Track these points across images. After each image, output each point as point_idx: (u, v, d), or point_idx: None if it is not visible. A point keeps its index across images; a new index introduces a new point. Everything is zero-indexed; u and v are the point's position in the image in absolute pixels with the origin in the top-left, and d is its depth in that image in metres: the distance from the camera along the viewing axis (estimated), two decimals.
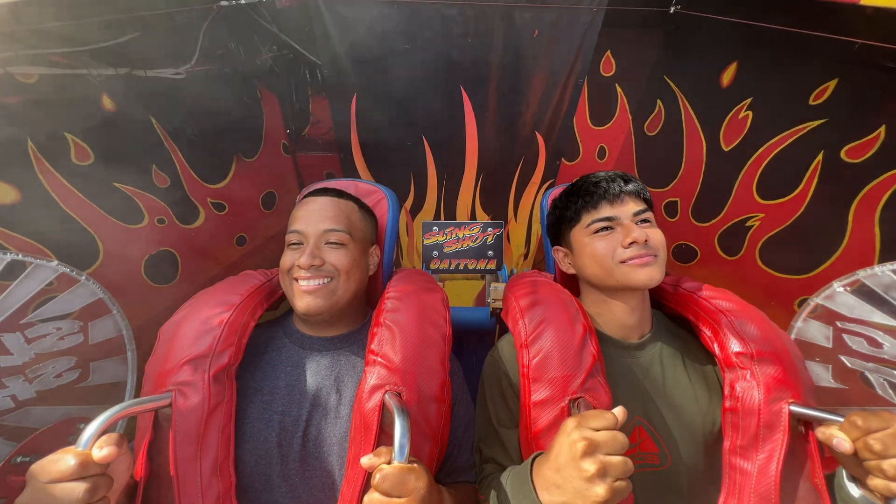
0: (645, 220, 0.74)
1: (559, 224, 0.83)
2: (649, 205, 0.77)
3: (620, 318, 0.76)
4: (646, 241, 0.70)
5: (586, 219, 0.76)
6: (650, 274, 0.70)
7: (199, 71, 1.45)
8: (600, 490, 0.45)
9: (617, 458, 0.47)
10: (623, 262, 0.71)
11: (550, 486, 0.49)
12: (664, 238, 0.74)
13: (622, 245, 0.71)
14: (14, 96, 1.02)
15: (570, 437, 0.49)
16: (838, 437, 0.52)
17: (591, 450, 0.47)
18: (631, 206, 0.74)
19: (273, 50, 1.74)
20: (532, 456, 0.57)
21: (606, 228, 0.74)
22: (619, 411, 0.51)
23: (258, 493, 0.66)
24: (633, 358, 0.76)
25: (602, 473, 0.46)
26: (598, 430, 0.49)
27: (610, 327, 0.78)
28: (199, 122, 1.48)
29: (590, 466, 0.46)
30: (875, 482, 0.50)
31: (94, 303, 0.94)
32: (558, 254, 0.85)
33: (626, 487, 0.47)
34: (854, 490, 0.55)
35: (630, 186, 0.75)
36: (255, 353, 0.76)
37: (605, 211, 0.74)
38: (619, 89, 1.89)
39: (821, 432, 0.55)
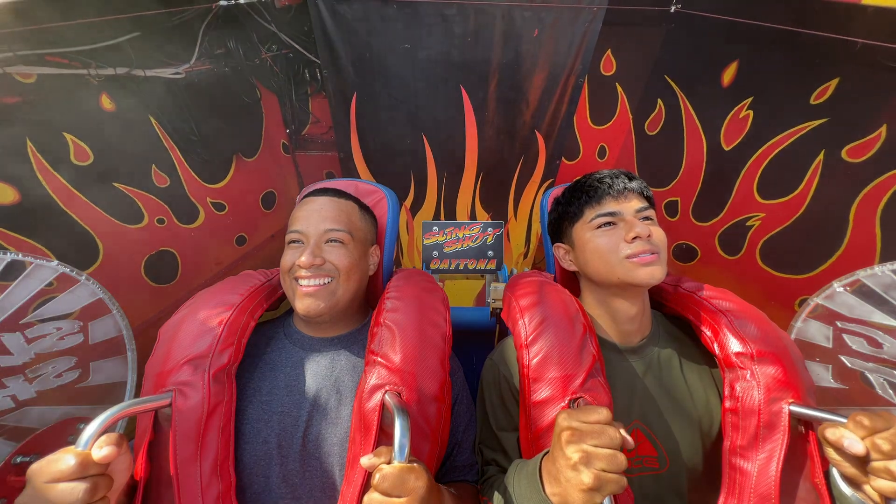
0: (647, 218, 0.74)
1: (561, 221, 0.83)
2: (651, 203, 0.77)
3: (620, 318, 0.76)
4: (649, 236, 0.70)
5: (589, 214, 0.76)
6: (652, 272, 0.69)
7: (198, 71, 1.44)
8: (586, 478, 0.45)
9: (603, 451, 0.47)
10: (627, 257, 0.71)
11: (550, 478, 0.51)
12: (665, 237, 0.74)
13: (625, 240, 0.71)
14: (14, 96, 1.02)
15: (559, 426, 0.51)
16: (850, 439, 0.51)
17: (574, 438, 0.48)
18: (634, 203, 0.74)
19: (273, 50, 1.74)
20: (542, 452, 0.57)
21: (609, 224, 0.74)
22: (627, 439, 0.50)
23: (258, 494, 0.66)
24: (632, 360, 0.75)
25: (585, 461, 0.46)
26: (587, 423, 0.49)
27: (609, 330, 0.78)
28: (199, 121, 1.48)
29: (573, 454, 0.47)
30: (879, 483, 0.49)
31: (94, 303, 0.95)
32: (559, 251, 0.85)
33: (618, 480, 0.46)
34: (846, 489, 0.55)
35: (633, 184, 0.76)
36: (254, 354, 0.76)
37: (609, 206, 0.74)
38: (619, 88, 1.88)
39: (830, 433, 0.54)
